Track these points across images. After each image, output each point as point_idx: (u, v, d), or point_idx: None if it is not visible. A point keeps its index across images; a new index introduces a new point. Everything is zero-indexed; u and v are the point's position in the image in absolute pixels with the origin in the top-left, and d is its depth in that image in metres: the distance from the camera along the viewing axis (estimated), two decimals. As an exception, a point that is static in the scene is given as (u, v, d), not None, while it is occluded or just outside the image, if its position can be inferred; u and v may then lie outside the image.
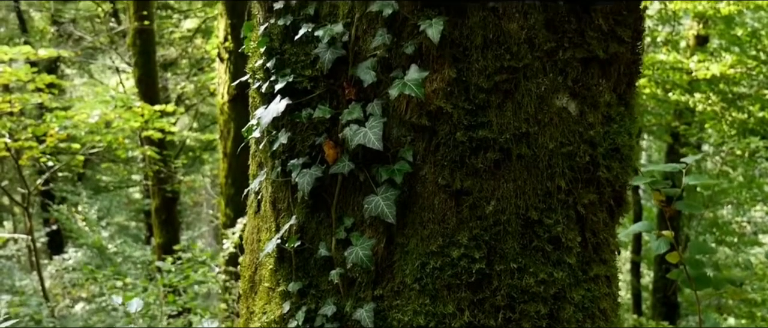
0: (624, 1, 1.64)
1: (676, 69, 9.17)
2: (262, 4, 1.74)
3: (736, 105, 9.63)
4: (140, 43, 9.52)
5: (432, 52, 1.54)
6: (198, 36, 12.67)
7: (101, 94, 9.02)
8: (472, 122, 1.54)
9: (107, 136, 8.56)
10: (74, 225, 10.15)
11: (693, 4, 8.12)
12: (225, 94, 7.94)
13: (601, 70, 1.65)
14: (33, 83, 8.03)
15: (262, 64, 1.70)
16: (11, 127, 7.94)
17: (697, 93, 9.58)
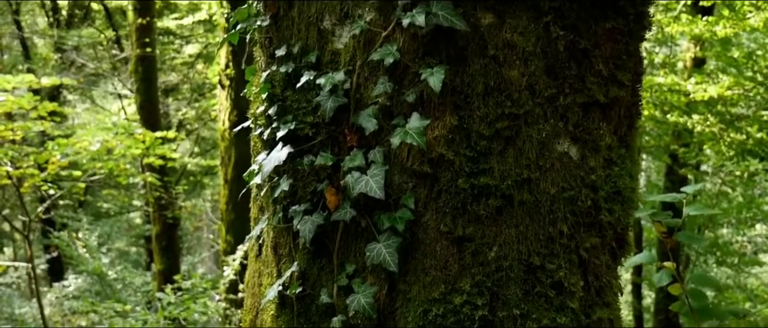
0: (624, 45, 1.66)
1: (673, 91, 9.19)
2: (264, 50, 1.75)
3: (734, 126, 9.65)
4: (142, 69, 9.57)
5: (433, 100, 1.55)
6: (199, 61, 12.74)
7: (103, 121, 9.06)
8: (473, 169, 1.55)
9: (108, 163, 8.57)
10: (75, 252, 10.12)
11: (689, 27, 8.16)
12: (226, 120, 7.96)
13: (601, 114, 1.66)
14: (35, 111, 8.06)
15: (263, 111, 1.71)
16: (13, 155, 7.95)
17: (695, 114, 9.60)
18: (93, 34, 11.81)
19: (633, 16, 1.63)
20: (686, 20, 8.24)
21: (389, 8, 1.54)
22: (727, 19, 7.98)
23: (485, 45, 1.52)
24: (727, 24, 7.98)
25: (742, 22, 7.95)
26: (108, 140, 8.23)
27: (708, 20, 8.07)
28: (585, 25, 1.57)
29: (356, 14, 1.58)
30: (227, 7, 7.58)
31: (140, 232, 13.60)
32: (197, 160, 12.32)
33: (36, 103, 7.96)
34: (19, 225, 9.58)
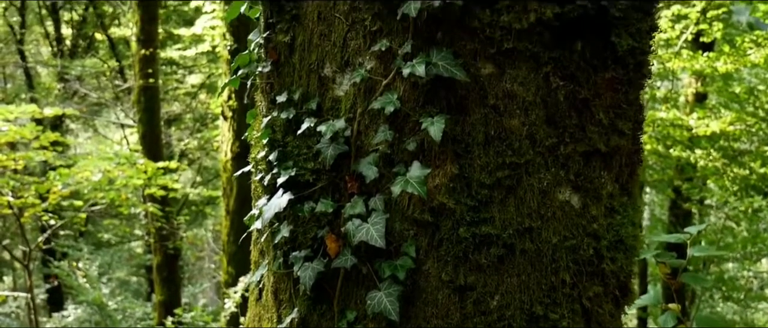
0: (624, 94, 1.66)
1: (676, 126, 9.21)
2: (265, 95, 1.76)
3: (737, 161, 9.65)
4: (145, 100, 9.63)
5: (434, 149, 1.54)
6: (202, 91, 12.82)
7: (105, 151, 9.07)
8: (474, 218, 1.54)
9: (110, 194, 8.57)
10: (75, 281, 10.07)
11: (690, 63, 8.21)
12: (228, 151, 7.98)
13: (603, 163, 1.65)
14: (38, 141, 8.09)
15: (264, 156, 1.71)
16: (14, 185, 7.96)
17: (698, 149, 9.60)
18: (96, 64, 11.91)
19: (633, 65, 1.63)
20: (687, 56, 8.29)
21: (390, 57, 1.54)
22: (727, 56, 8.03)
23: (485, 94, 1.53)
24: (728, 60, 8.02)
25: (743, 58, 7.99)
26: (110, 170, 8.25)
27: (709, 56, 8.12)
28: (585, 75, 1.57)
29: (357, 62, 1.58)
30: (230, 40, 7.65)
31: (141, 261, 13.54)
32: (199, 190, 12.32)
33: (38, 132, 8.00)
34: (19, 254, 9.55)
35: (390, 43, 1.53)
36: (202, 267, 15.17)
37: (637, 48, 1.63)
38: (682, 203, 10.83)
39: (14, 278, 12.68)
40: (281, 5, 1.66)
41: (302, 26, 1.65)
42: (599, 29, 1.56)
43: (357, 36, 1.58)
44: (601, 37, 1.57)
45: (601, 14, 1.54)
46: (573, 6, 1.50)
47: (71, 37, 12.83)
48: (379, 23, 1.55)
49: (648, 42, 1.68)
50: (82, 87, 11.57)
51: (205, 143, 11.84)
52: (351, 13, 1.57)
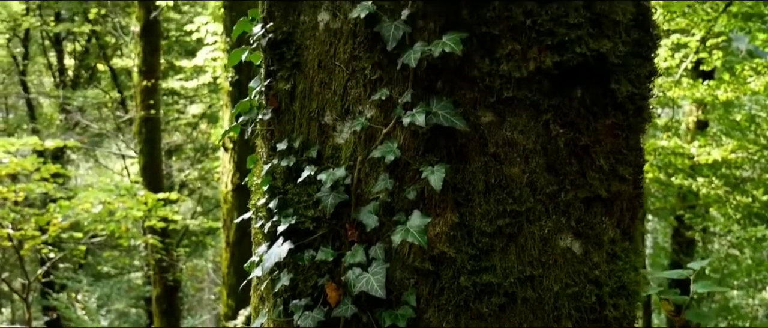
0: (624, 139, 1.65)
1: (677, 154, 9.21)
2: (265, 142, 1.76)
3: (740, 189, 9.63)
4: (146, 131, 9.66)
5: (434, 197, 1.54)
6: (203, 121, 12.86)
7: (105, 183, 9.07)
8: (475, 267, 1.53)
9: (110, 225, 8.55)
10: (74, 314, 10.00)
11: (691, 91, 8.23)
12: (229, 183, 7.98)
13: (604, 209, 1.64)
14: (38, 173, 8.10)
15: (264, 203, 1.70)
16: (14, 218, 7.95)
17: (700, 177, 9.59)
18: (98, 95, 11.98)
19: (632, 110, 1.63)
20: (687, 84, 8.32)
21: (390, 105, 1.54)
22: (728, 84, 8.05)
23: (485, 143, 1.53)
24: (728, 88, 8.05)
25: (743, 86, 8.02)
26: (110, 202, 8.24)
27: (709, 84, 8.15)
28: (585, 122, 1.57)
29: (357, 110, 1.58)
30: (231, 71, 7.69)
31: (140, 293, 13.46)
32: (199, 220, 12.30)
33: (39, 164, 8.02)
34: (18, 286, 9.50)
35: (390, 91, 1.53)
36: (201, 298, 15.07)
37: (637, 94, 1.63)
38: (684, 232, 10.79)
39: (13, 311, 12.60)
40: (282, 53, 1.67)
41: (303, 74, 1.65)
42: (598, 76, 1.57)
43: (357, 84, 1.58)
44: (600, 83, 1.57)
45: (600, 62, 1.55)
46: (572, 54, 1.51)
47: (74, 67, 12.92)
48: (379, 72, 1.55)
49: (648, 87, 1.68)
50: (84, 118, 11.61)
51: (206, 174, 11.85)
52: (351, 62, 1.58)
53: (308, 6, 1.63)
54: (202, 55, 8.39)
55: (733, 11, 7.47)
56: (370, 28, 1.53)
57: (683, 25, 7.99)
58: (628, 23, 1.59)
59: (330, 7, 1.60)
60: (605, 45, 1.54)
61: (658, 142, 9.00)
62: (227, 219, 8.00)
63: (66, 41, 12.76)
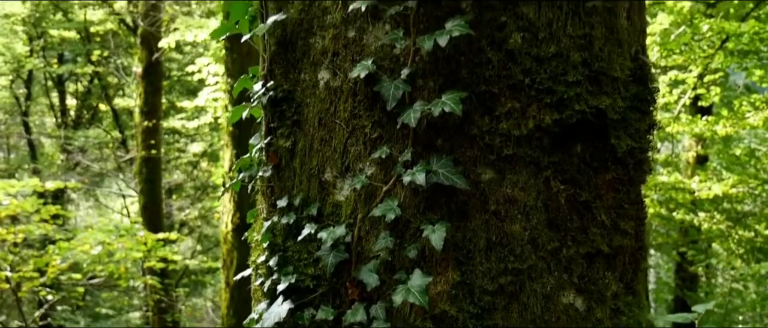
0: (625, 193, 1.65)
1: (678, 189, 9.20)
2: (266, 198, 1.75)
3: (742, 223, 9.59)
4: (146, 171, 9.67)
5: (435, 255, 1.53)
6: (204, 159, 12.87)
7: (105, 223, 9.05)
8: (477, 325, 1.51)
9: (109, 266, 8.50)
10: (72, 356, 9.89)
11: (690, 127, 8.26)
12: (229, 223, 7.94)
13: (606, 264, 1.63)
14: (38, 214, 8.09)
15: (264, 261, 1.69)
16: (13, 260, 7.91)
17: (701, 212, 9.56)
18: (100, 135, 12.02)
19: (633, 164, 1.63)
20: (686, 120, 8.35)
21: (390, 163, 1.54)
22: (726, 119, 8.08)
23: (486, 200, 1.52)
24: (727, 123, 8.07)
25: (742, 121, 8.04)
26: (109, 243, 8.20)
27: (708, 120, 8.18)
28: (585, 178, 1.57)
29: (357, 168, 1.58)
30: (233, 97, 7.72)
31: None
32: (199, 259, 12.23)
33: (39, 206, 8.01)
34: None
35: (390, 150, 1.53)
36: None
37: (637, 148, 1.63)
38: (688, 266, 10.72)
39: (11, 352, 12.43)
40: (282, 111, 1.67)
41: (303, 131, 1.66)
42: (598, 132, 1.57)
43: (357, 142, 1.58)
44: (600, 139, 1.58)
45: (599, 118, 1.55)
46: (572, 112, 1.51)
47: (76, 107, 12.99)
48: (379, 130, 1.55)
49: (647, 140, 1.68)
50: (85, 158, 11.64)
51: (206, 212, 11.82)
52: (351, 120, 1.58)
53: (308, 64, 1.64)
54: (204, 96, 8.44)
55: (730, 47, 7.54)
56: (370, 88, 1.54)
57: (680, 62, 8.06)
58: (626, 79, 1.60)
59: (330, 65, 1.61)
60: (604, 101, 1.55)
61: (658, 178, 9.00)
62: (227, 259, 7.95)
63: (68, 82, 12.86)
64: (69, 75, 12.45)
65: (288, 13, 1.66)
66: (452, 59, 1.51)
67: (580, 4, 1.54)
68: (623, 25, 1.62)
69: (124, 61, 11.63)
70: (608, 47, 1.57)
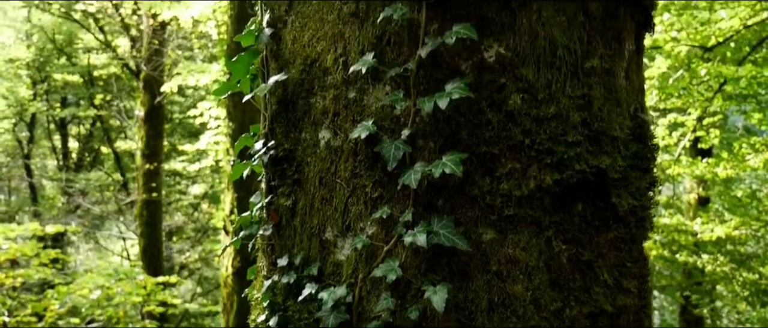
0: (627, 252, 1.64)
1: (680, 231, 9.17)
2: (266, 256, 1.74)
3: (746, 265, 9.53)
4: (147, 214, 9.66)
5: (437, 317, 1.51)
6: (205, 201, 12.86)
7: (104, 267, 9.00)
8: (481, 388, 1.49)
9: (108, 310, 8.43)
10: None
11: (690, 169, 8.27)
12: (229, 267, 7.90)
13: (609, 323, 1.61)
14: (38, 258, 8.06)
15: (265, 320, 1.67)
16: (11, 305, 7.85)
17: (704, 254, 9.52)
18: (101, 178, 12.04)
19: (634, 222, 1.63)
20: (686, 162, 8.36)
21: (391, 224, 1.54)
22: (726, 161, 8.09)
23: (488, 261, 1.51)
24: (728, 165, 8.08)
25: (742, 163, 8.05)
26: (109, 287, 8.15)
27: (708, 162, 8.19)
28: (587, 237, 1.56)
29: (358, 228, 1.58)
30: (234, 154, 7.74)
31: (137, 377, 13.11)
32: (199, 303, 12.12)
33: (39, 250, 7.98)
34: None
35: (391, 210, 1.53)
36: (200, 382, 14.66)
37: (638, 205, 1.63)
38: (692, 309, 10.61)
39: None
40: (283, 170, 1.68)
41: (304, 190, 1.66)
42: (599, 191, 1.57)
43: (358, 202, 1.58)
44: (601, 198, 1.57)
45: (600, 177, 1.55)
46: (572, 172, 1.52)
47: (78, 150, 13.04)
48: (380, 190, 1.56)
49: (648, 197, 1.68)
50: (86, 201, 11.64)
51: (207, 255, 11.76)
52: (352, 180, 1.59)
53: (309, 124, 1.65)
54: (205, 139, 8.48)
55: (728, 91, 7.60)
56: (370, 148, 1.55)
57: (679, 104, 8.11)
58: (625, 137, 1.61)
59: (331, 125, 1.62)
60: (604, 161, 1.55)
61: (660, 220, 8.97)
62: (227, 303, 7.88)
63: (71, 125, 12.93)
64: (72, 118, 12.53)
65: (289, 74, 1.68)
66: (452, 120, 1.52)
67: (579, 65, 1.56)
68: (622, 84, 1.64)
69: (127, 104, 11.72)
70: (607, 107, 1.58)
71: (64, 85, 12.21)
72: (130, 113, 11.54)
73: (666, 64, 7.38)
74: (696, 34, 7.10)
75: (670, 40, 7.25)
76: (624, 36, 1.66)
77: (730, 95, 7.32)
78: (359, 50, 1.59)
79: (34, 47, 12.21)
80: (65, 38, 11.95)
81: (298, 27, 1.70)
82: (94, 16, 10.88)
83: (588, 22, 1.59)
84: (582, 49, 1.57)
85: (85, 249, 13.66)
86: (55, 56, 12.20)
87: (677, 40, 7.24)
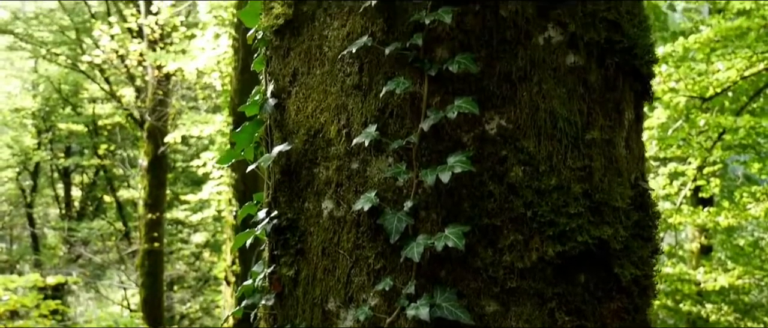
0: (630, 321, 1.64)
1: (684, 280, 9.10)
2: (269, 325, 1.74)
3: (750, 315, 9.43)
4: (148, 264, 9.62)
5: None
6: (206, 250, 12.81)
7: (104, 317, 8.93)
8: None
9: (107, 365, 8.33)
10: None
11: (692, 218, 8.25)
12: (231, 318, 7.83)
13: (615, 395, 1.60)
14: (38, 309, 8.00)
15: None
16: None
17: (708, 303, 9.42)
18: (103, 227, 12.03)
19: (637, 292, 1.63)
20: (688, 211, 8.35)
21: (394, 295, 1.54)
22: (728, 210, 8.09)
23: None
24: (729, 214, 8.08)
25: (743, 212, 8.04)
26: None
27: (709, 211, 8.19)
28: (590, 308, 1.56)
29: (361, 299, 1.58)
30: (236, 205, 7.75)
31: None
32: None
33: (39, 301, 7.93)
34: None
35: (393, 281, 1.53)
36: None
37: (641, 275, 1.63)
38: (699, 360, 10.45)
39: None
40: (286, 239, 1.69)
41: (306, 260, 1.67)
42: (601, 262, 1.57)
43: (361, 273, 1.59)
44: (604, 269, 1.58)
45: (602, 248, 1.56)
46: (574, 243, 1.52)
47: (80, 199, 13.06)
48: (382, 261, 1.56)
49: (651, 266, 1.68)
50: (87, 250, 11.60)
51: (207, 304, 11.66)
52: (355, 251, 1.59)
53: (312, 194, 1.67)
54: (208, 189, 8.50)
55: (727, 140, 7.63)
56: (373, 219, 1.56)
57: (679, 153, 8.14)
58: (627, 207, 1.62)
59: (334, 195, 1.63)
60: (606, 232, 1.56)
61: (664, 269, 8.91)
62: (227, 356, 7.78)
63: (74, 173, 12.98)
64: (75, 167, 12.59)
65: (293, 144, 1.70)
66: (455, 192, 1.53)
67: (579, 136, 1.58)
68: (622, 154, 1.66)
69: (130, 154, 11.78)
70: (608, 177, 1.60)
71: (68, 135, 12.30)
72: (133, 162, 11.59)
73: (665, 114, 7.44)
74: (694, 84, 7.18)
75: (668, 90, 7.33)
76: (623, 106, 1.68)
77: (729, 145, 7.35)
78: (362, 122, 1.61)
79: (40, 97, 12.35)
80: (71, 88, 12.10)
81: (301, 98, 1.73)
82: (100, 67, 11.04)
83: (588, 93, 1.62)
84: (582, 121, 1.59)
85: (85, 298, 13.55)
86: (61, 106, 12.33)
87: (675, 90, 7.31)
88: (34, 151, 11.71)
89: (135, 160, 11.61)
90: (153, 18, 9.63)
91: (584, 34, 1.62)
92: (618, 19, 1.66)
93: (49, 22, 12.18)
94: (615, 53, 1.65)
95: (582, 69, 1.61)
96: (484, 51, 1.57)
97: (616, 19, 1.66)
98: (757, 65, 7.04)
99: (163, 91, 9.77)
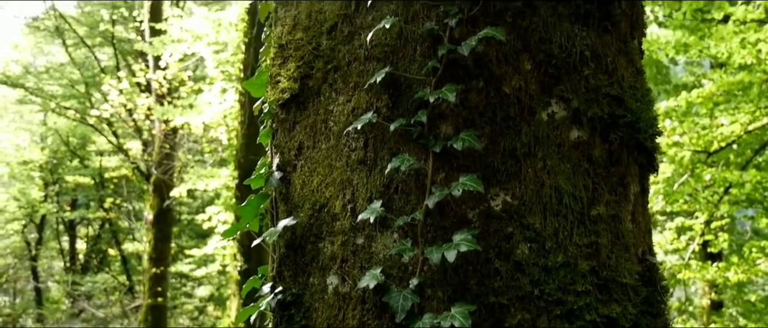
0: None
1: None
2: (272, 402, 1.71)
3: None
4: (152, 319, 9.52)
5: None
6: (210, 303, 12.69)
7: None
8: None
9: None
10: None
11: (701, 274, 8.15)
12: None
13: None
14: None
15: None
16: None
17: (723, 361, 9.22)
18: (107, 281, 11.97)
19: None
20: (697, 266, 8.26)
21: (400, 375, 1.51)
22: (737, 265, 7.99)
23: None
24: (739, 270, 7.97)
25: (753, 267, 7.94)
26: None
27: (719, 267, 8.09)
28: (601, 388, 1.52)
29: (366, 378, 1.55)
30: (241, 260, 7.71)
31: None
32: None
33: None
34: None
35: (399, 361, 1.51)
36: None
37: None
38: None
39: None
40: (291, 315, 1.67)
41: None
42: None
43: (366, 351, 1.56)
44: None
45: (611, 327, 1.53)
46: (583, 322, 1.50)
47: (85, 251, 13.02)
48: (387, 340, 1.54)
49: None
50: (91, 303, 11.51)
51: (211, 361, 11.50)
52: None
53: (317, 269, 1.66)
54: (213, 244, 8.47)
55: (734, 194, 7.60)
56: (378, 297, 1.54)
57: (686, 208, 8.10)
58: (635, 283, 1.60)
59: (339, 271, 1.62)
60: (615, 309, 1.54)
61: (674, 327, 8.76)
62: None
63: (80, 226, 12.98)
64: (81, 220, 12.60)
65: (298, 218, 1.70)
66: (460, 270, 1.52)
67: (585, 212, 1.57)
68: (628, 228, 1.65)
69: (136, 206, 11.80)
70: (615, 253, 1.59)
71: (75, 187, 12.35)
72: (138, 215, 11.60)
73: (670, 168, 7.43)
74: (698, 138, 7.20)
75: (672, 144, 7.34)
76: (628, 180, 1.68)
77: (736, 200, 7.31)
78: (367, 197, 1.61)
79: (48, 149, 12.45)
80: (79, 141, 12.21)
81: (307, 171, 1.73)
82: (109, 121, 11.16)
83: (592, 168, 1.62)
84: (588, 196, 1.59)
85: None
86: (68, 158, 12.41)
87: (680, 144, 7.32)
88: (41, 204, 11.75)
89: (140, 214, 11.62)
90: (161, 72, 9.78)
91: (587, 109, 1.63)
92: (621, 94, 1.67)
93: (59, 76, 12.39)
94: (618, 128, 1.66)
95: (586, 144, 1.62)
96: (488, 127, 1.58)
97: (619, 93, 1.67)
98: (760, 119, 7.06)
99: (169, 145, 9.84)
